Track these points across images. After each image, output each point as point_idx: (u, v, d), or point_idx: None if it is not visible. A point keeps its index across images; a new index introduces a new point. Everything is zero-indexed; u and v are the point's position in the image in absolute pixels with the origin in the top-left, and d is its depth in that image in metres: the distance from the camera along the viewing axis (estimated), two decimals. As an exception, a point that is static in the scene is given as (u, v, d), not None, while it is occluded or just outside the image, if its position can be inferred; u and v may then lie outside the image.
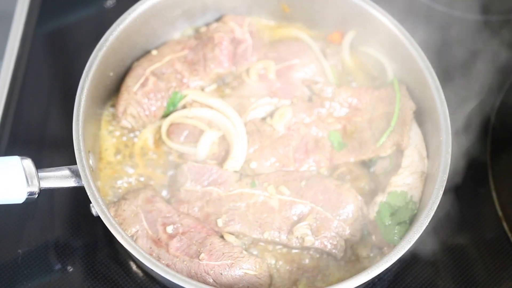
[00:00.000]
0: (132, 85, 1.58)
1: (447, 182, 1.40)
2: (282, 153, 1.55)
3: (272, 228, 1.47)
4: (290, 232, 1.46)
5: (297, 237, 1.46)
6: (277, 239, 1.47)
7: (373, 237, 1.48)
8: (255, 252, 1.49)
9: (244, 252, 1.43)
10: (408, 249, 1.34)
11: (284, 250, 1.50)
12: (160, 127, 1.59)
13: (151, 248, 1.42)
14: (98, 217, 1.34)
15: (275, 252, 1.49)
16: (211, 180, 1.52)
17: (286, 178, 1.52)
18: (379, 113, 1.57)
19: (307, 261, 1.49)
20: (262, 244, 1.50)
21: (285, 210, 1.48)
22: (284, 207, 1.49)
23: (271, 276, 1.44)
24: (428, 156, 1.51)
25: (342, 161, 1.55)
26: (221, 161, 1.55)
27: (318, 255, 1.49)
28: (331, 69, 1.64)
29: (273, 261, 1.49)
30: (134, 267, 1.57)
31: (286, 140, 1.55)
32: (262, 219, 1.47)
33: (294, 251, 1.50)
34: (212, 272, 1.38)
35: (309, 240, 1.45)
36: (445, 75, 1.57)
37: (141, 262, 1.30)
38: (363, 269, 1.34)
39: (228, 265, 1.39)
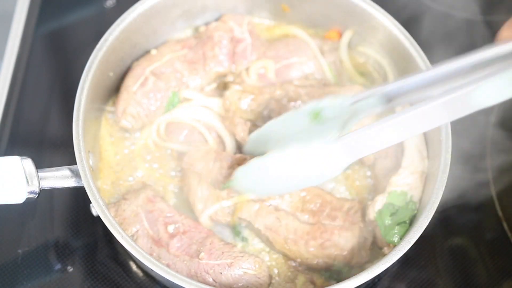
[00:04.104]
0: (131, 85, 1.58)
1: (447, 182, 1.40)
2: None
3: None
4: None
5: None
6: None
7: (373, 237, 1.48)
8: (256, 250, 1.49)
9: (244, 252, 1.43)
10: (408, 249, 1.34)
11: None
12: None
13: (151, 248, 1.42)
14: (98, 217, 1.34)
15: (274, 251, 1.49)
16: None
17: None
18: None
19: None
20: (261, 245, 1.50)
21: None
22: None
23: (270, 276, 1.44)
24: (428, 156, 1.51)
25: None
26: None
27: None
28: (329, 67, 1.64)
29: (272, 261, 1.49)
30: (134, 267, 1.57)
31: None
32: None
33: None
34: (211, 271, 1.38)
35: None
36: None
37: (141, 262, 1.30)
38: (363, 269, 1.34)
39: (227, 264, 1.39)
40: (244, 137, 1.50)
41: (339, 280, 1.45)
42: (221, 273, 1.38)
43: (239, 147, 1.56)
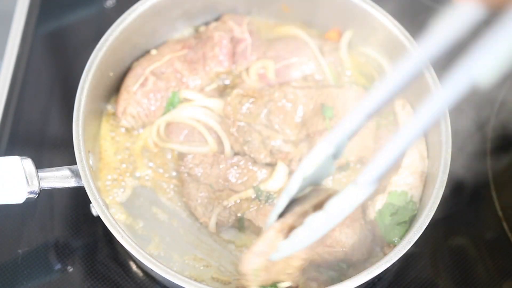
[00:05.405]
0: (131, 85, 1.58)
1: (447, 182, 1.40)
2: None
3: None
4: None
5: None
6: None
7: (373, 237, 1.48)
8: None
9: None
10: (408, 249, 1.34)
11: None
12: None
13: None
14: (98, 217, 1.34)
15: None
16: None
17: None
18: None
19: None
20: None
21: None
22: None
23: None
24: (428, 156, 1.51)
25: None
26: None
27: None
28: (328, 67, 1.64)
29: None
30: (134, 267, 1.57)
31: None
32: None
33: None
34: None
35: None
36: (445, 75, 1.56)
37: (141, 262, 1.30)
38: (363, 269, 1.34)
39: None
40: None
41: (339, 277, 1.45)
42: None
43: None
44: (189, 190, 1.50)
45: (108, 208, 1.34)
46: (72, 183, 1.37)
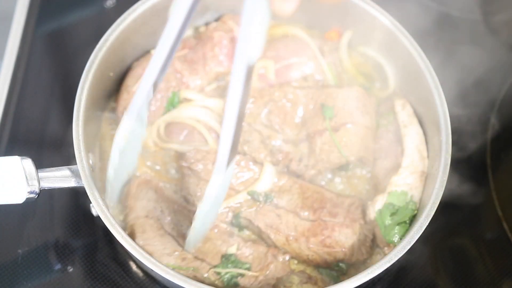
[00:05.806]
0: (131, 85, 1.58)
1: (447, 182, 1.40)
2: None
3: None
4: None
5: None
6: None
7: (373, 237, 1.48)
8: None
9: None
10: (408, 249, 1.34)
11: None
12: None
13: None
14: (98, 217, 1.34)
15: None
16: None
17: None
18: None
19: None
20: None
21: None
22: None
23: None
24: (428, 156, 1.51)
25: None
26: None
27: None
28: (328, 67, 1.64)
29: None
30: (134, 267, 1.57)
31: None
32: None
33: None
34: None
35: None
36: (445, 75, 1.57)
37: (141, 262, 1.30)
38: (363, 269, 1.34)
39: None
40: None
41: (338, 278, 1.45)
42: None
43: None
44: (188, 184, 1.50)
45: (108, 208, 1.34)
46: (72, 183, 1.37)
